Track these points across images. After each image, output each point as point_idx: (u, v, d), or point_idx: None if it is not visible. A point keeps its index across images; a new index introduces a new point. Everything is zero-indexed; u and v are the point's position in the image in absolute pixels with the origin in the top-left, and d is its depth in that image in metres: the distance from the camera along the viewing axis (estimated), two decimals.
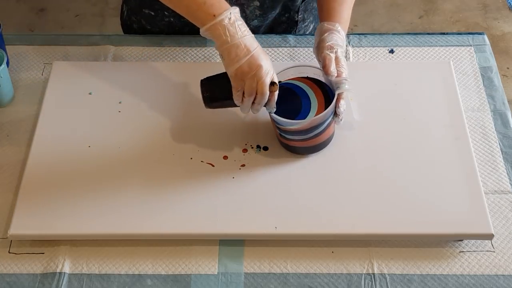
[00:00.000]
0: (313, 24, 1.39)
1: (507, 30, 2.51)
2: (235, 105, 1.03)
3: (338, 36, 1.08)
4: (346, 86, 1.02)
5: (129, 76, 1.20)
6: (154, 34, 1.31)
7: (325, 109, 1.02)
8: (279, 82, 1.03)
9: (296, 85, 1.06)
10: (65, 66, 1.21)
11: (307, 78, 1.07)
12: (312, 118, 1.02)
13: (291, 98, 1.04)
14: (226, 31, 0.97)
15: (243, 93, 1.00)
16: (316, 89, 1.06)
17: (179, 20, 1.27)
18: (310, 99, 1.05)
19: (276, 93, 1.00)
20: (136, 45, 1.29)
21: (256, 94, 0.99)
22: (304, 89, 1.06)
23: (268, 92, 0.99)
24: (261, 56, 0.99)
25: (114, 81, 1.19)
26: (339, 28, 1.09)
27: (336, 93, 1.02)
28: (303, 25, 1.35)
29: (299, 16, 1.33)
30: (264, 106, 1.02)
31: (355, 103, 1.09)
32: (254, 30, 1.32)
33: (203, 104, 1.15)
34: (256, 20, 1.28)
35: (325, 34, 1.08)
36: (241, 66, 0.97)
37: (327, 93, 1.05)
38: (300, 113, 1.03)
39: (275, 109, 1.02)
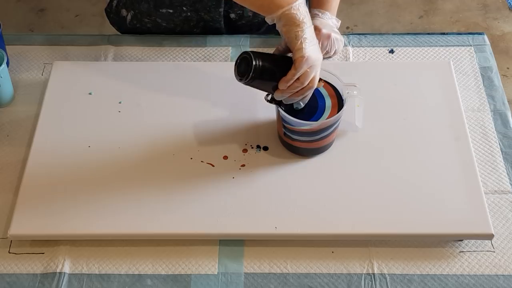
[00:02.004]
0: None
1: (507, 30, 2.51)
2: (270, 90, 1.00)
3: (322, 20, 1.15)
4: (354, 92, 1.03)
5: (129, 76, 1.20)
6: (169, 30, 1.31)
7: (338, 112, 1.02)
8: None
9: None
10: (65, 66, 1.22)
11: (321, 79, 1.07)
12: (323, 120, 1.01)
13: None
14: (306, 14, 0.97)
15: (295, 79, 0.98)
16: (330, 90, 1.06)
17: (197, 14, 1.28)
18: (325, 100, 1.05)
19: (313, 90, 1.00)
20: (136, 45, 1.29)
21: (307, 84, 0.98)
22: (320, 89, 1.06)
23: (315, 88, 1.00)
24: (319, 49, 1.00)
25: (114, 81, 1.19)
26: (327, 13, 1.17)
27: (345, 98, 1.03)
28: None
29: None
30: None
31: (360, 110, 1.08)
32: (262, 23, 1.33)
33: (203, 104, 1.15)
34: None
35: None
36: (313, 51, 0.97)
37: (339, 92, 1.05)
38: (313, 114, 1.03)
39: (302, 106, 1.02)
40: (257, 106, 1.14)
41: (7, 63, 1.21)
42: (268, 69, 0.97)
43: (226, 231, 0.99)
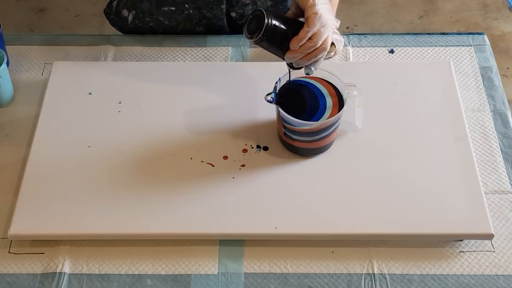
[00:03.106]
0: None
1: (507, 30, 2.51)
2: (279, 52, 0.97)
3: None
4: (355, 92, 1.03)
5: (129, 76, 1.20)
6: (171, 28, 1.31)
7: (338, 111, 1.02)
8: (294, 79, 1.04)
9: (313, 84, 1.06)
10: (65, 66, 1.22)
11: (321, 78, 1.07)
12: (324, 120, 1.01)
13: (307, 97, 1.04)
14: None
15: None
16: (331, 90, 1.06)
17: (199, 11, 1.28)
18: (326, 99, 1.05)
19: (325, 53, 0.97)
20: (136, 45, 1.29)
21: (320, 46, 0.95)
22: (320, 89, 1.06)
23: (327, 50, 0.96)
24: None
25: (114, 81, 1.19)
26: None
27: (346, 98, 1.03)
28: None
29: None
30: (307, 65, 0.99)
31: (360, 110, 1.08)
32: None
33: (203, 104, 1.15)
34: None
35: None
36: (325, 9, 0.93)
37: (339, 91, 1.05)
38: (314, 114, 1.03)
39: (314, 72, 1.00)
40: (257, 106, 1.14)
41: (7, 63, 1.21)
42: (280, 28, 0.94)
43: (226, 231, 0.99)
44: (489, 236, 0.98)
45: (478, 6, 2.61)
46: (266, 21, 0.93)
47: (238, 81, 1.18)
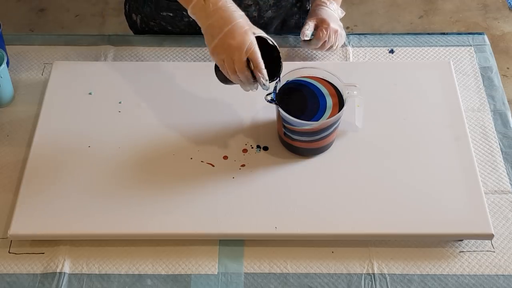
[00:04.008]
0: None
1: (507, 30, 2.51)
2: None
3: (329, 10, 1.21)
4: (354, 92, 1.03)
5: (129, 76, 1.20)
6: (175, 34, 1.31)
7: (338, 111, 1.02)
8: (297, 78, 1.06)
9: (313, 84, 1.06)
10: (65, 66, 1.22)
11: (321, 78, 1.07)
12: (324, 120, 1.01)
13: (307, 97, 1.04)
14: (203, 11, 0.98)
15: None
16: (331, 89, 1.06)
17: None
18: (326, 99, 1.05)
19: (263, 70, 0.98)
20: (136, 45, 1.29)
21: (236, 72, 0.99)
22: (321, 89, 1.06)
23: (245, 71, 0.98)
24: (236, 33, 0.97)
25: (114, 81, 1.19)
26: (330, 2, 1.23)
27: (346, 98, 1.03)
28: None
29: (310, 5, 1.33)
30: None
31: (360, 110, 1.08)
32: (268, 23, 1.32)
33: (203, 104, 1.15)
34: (270, 11, 1.28)
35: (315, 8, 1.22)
36: (216, 45, 0.98)
37: (339, 91, 1.05)
38: (314, 114, 1.03)
39: (268, 88, 1.01)
40: (257, 106, 1.14)
41: (7, 63, 1.21)
42: (220, 74, 1.04)
43: (226, 231, 0.99)
44: (489, 236, 0.98)
45: (478, 6, 2.61)
46: (215, 66, 1.05)
47: None
